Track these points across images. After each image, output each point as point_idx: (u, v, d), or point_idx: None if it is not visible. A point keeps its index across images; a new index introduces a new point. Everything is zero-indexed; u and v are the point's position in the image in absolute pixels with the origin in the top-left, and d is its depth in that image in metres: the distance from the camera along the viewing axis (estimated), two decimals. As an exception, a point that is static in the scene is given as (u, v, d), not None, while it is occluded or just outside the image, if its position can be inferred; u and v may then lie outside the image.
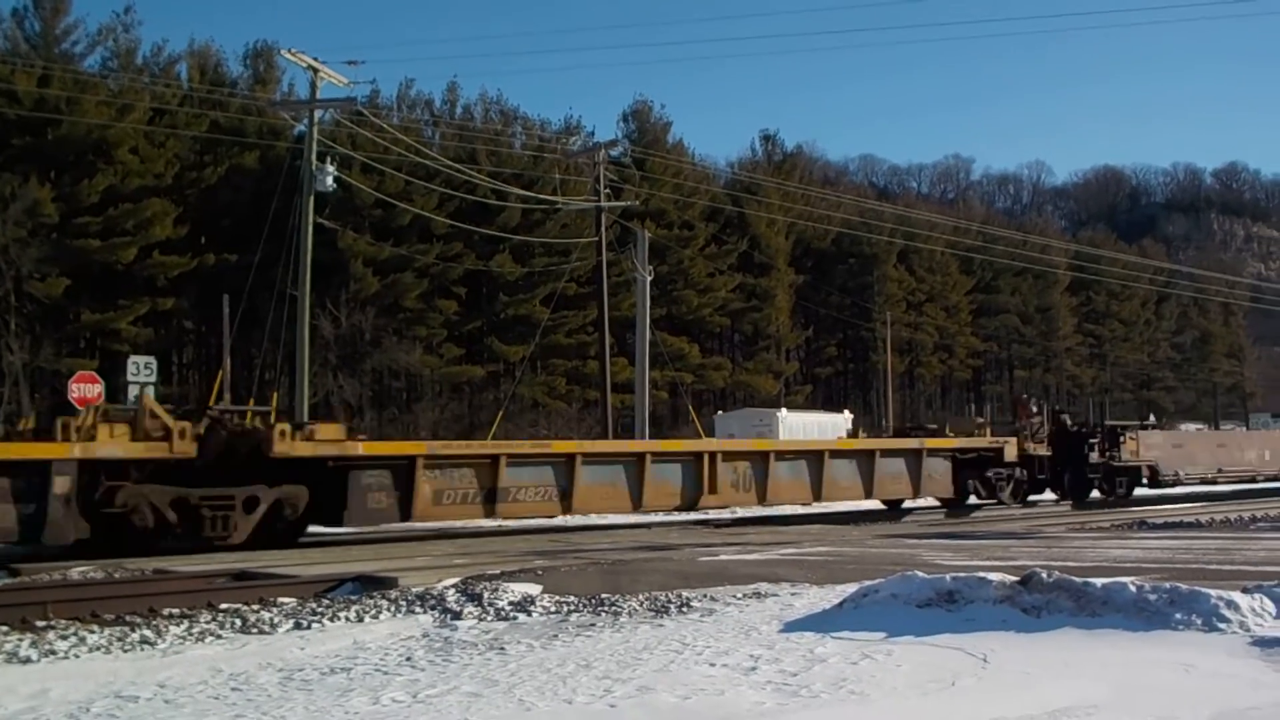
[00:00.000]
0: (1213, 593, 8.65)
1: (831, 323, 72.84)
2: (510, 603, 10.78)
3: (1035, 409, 31.82)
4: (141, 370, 27.12)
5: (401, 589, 11.81)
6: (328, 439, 18.64)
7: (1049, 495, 31.55)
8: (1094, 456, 30.95)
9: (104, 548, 16.85)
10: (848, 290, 71.42)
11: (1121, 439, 31.60)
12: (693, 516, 25.76)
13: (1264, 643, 7.82)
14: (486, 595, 11.01)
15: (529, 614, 10.40)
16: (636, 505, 22.24)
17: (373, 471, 18.79)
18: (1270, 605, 8.60)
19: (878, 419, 64.12)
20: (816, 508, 27.49)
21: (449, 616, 10.38)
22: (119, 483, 17.05)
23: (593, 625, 9.71)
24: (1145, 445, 32.20)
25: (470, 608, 10.63)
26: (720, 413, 50.72)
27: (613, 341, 40.89)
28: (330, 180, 30.89)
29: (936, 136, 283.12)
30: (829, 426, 41.80)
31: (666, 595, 11.06)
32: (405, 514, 19.15)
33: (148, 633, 9.88)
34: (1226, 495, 33.52)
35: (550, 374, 55.66)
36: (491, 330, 55.69)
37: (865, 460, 25.81)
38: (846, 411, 50.46)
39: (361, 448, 19.05)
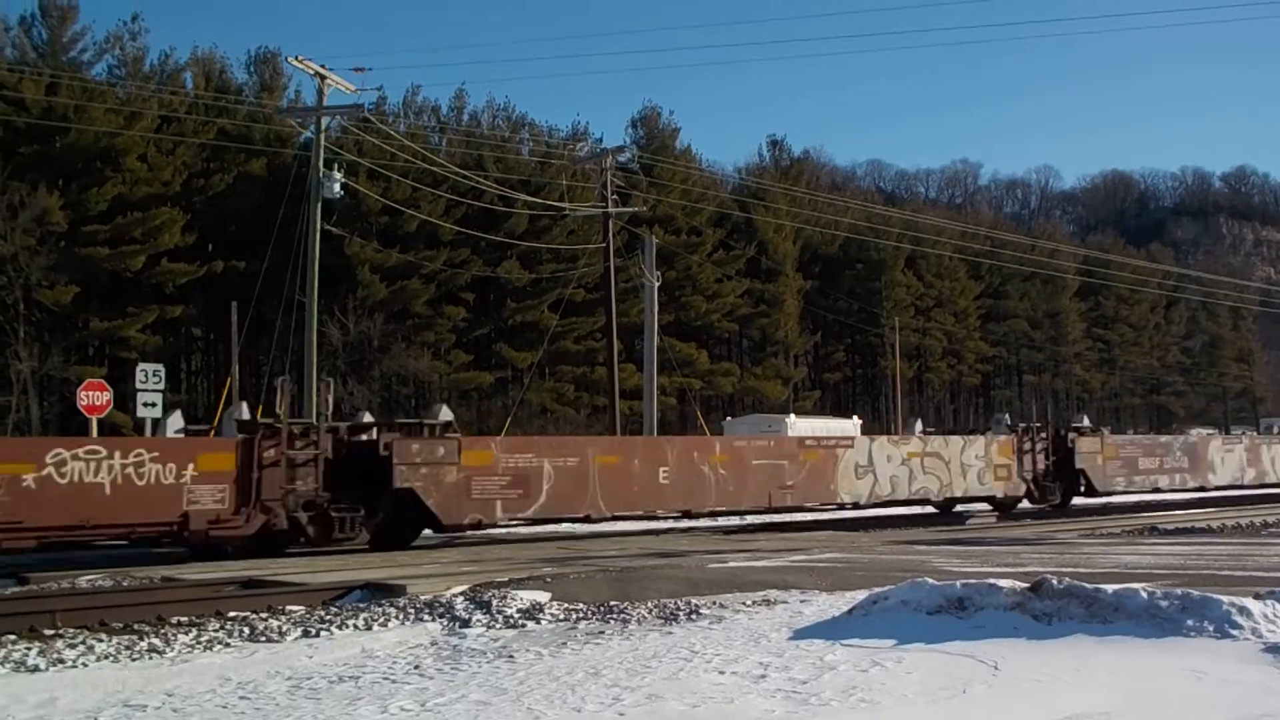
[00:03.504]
0: (1225, 599, 8.61)
1: (839, 328, 72.75)
2: (519, 610, 10.77)
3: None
4: (150, 378, 27.12)
5: (410, 596, 11.80)
6: None
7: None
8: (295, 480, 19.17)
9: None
10: (855, 295, 71.31)
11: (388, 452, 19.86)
12: (702, 523, 25.71)
13: (1276, 649, 7.78)
14: (495, 603, 10.99)
15: (538, 622, 10.38)
16: None
17: None
18: (1283, 611, 8.55)
19: (887, 424, 64.04)
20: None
21: (457, 624, 10.37)
22: None
23: (601, 633, 9.69)
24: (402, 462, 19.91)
25: (479, 615, 10.61)
26: (729, 419, 50.62)
27: (621, 347, 40.85)
28: (337, 187, 30.91)
29: (944, 141, 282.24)
30: (837, 432, 41.70)
31: (675, 602, 11.04)
32: None
33: (156, 641, 9.88)
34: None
35: (559, 380, 55.65)
36: (500, 336, 55.68)
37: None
38: (855, 417, 50.38)
39: None
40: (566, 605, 11.05)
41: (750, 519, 26.92)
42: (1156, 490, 33.35)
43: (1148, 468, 32.43)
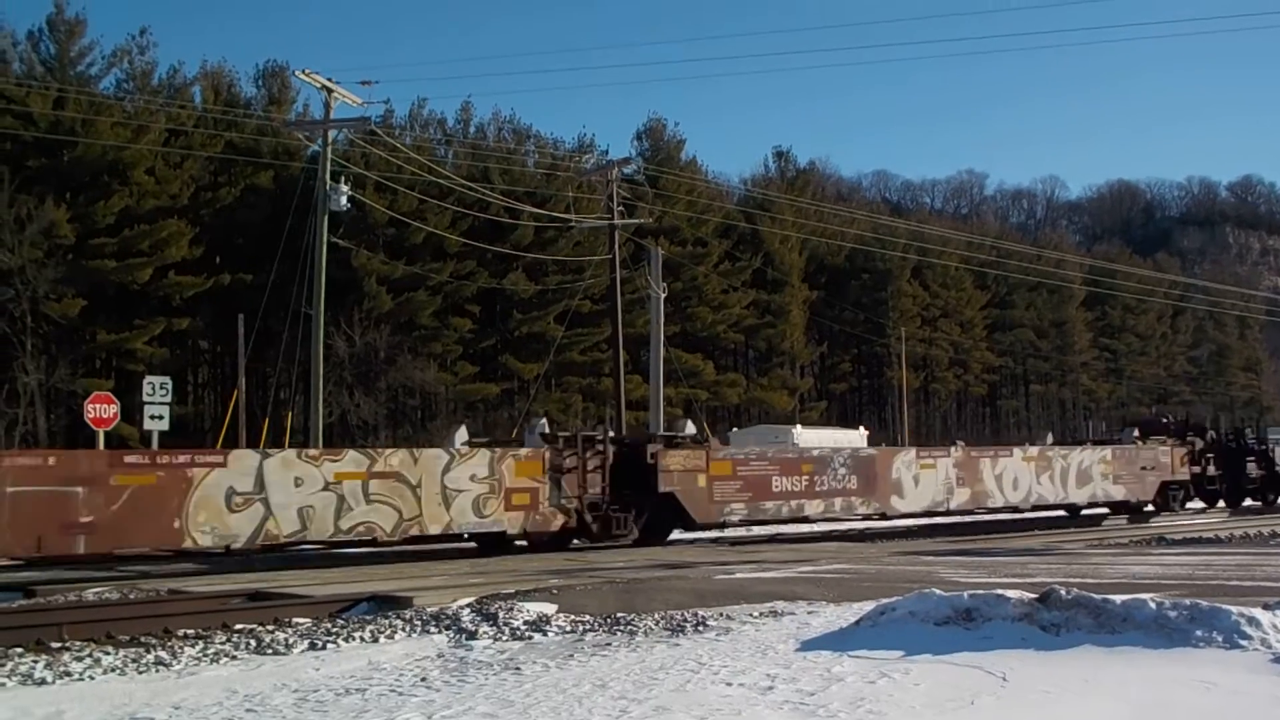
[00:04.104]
0: (1234, 609, 8.58)
1: (846, 339, 72.72)
2: (525, 622, 10.75)
3: None
4: (157, 390, 27.17)
5: (416, 609, 11.80)
6: None
7: None
8: None
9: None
10: (862, 306, 71.31)
11: None
12: (710, 535, 25.57)
13: (1286, 660, 7.74)
14: (501, 615, 10.99)
15: (544, 633, 10.37)
16: None
17: None
18: (1292, 622, 8.51)
19: (893, 435, 63.96)
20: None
21: (464, 636, 10.36)
22: None
23: (608, 645, 9.67)
24: None
25: (485, 627, 10.61)
26: (735, 429, 50.57)
27: (627, 359, 40.80)
28: (344, 200, 30.96)
29: (950, 152, 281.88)
30: (844, 442, 41.63)
31: (682, 614, 11.03)
32: None
33: (162, 654, 9.88)
34: None
35: (565, 391, 55.64)
36: (506, 348, 55.72)
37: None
38: (861, 428, 50.31)
39: None
40: (573, 617, 11.03)
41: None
42: (804, 519, 25.82)
43: (786, 490, 24.60)
